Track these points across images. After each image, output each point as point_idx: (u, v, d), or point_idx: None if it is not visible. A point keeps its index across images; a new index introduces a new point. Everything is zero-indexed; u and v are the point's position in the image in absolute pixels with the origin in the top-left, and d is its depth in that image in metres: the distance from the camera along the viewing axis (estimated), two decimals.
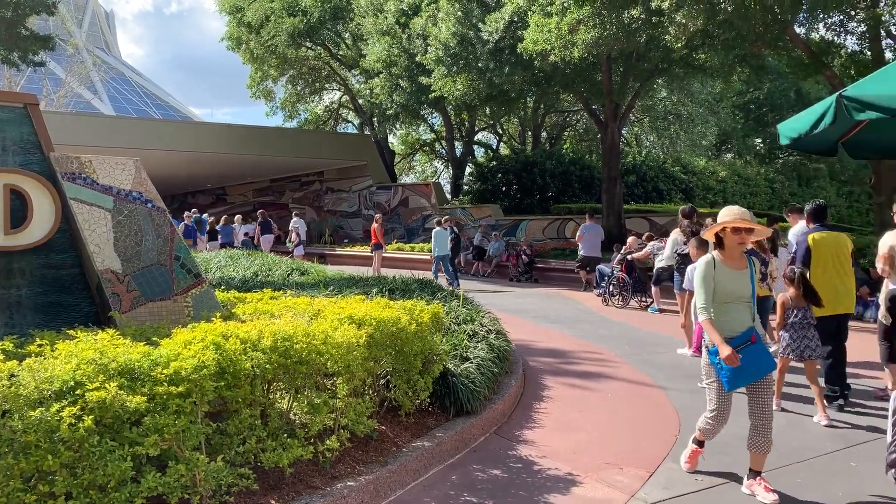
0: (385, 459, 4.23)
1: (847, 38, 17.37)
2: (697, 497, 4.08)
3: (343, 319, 4.42)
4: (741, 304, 4.19)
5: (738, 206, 4.21)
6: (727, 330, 4.12)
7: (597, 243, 15.18)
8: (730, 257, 4.22)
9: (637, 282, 12.89)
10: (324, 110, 38.33)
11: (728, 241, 4.21)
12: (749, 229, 4.16)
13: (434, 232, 16.40)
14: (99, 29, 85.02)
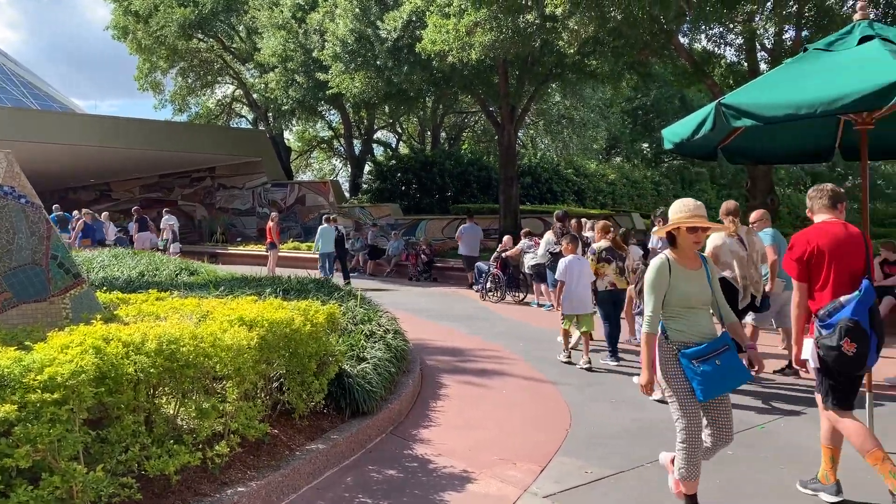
0: (277, 463, 4.14)
1: (726, 50, 18.50)
2: (587, 489, 4.21)
3: (233, 321, 4.29)
4: (704, 307, 3.79)
5: (692, 200, 3.81)
6: (697, 335, 3.70)
7: (475, 243, 15.88)
8: (685, 257, 3.79)
9: (511, 278, 13.73)
10: (216, 104, 37.15)
11: (683, 241, 3.77)
12: (705, 228, 3.75)
13: (320, 229, 16.36)
14: None
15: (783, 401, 6.19)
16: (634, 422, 5.57)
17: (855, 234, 4.06)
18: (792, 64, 5.42)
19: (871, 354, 3.87)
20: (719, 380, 3.57)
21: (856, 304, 3.86)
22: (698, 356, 3.60)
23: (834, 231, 4.04)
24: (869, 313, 3.88)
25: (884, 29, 4.97)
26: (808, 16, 14.87)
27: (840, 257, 3.99)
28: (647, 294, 3.76)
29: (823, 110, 4.25)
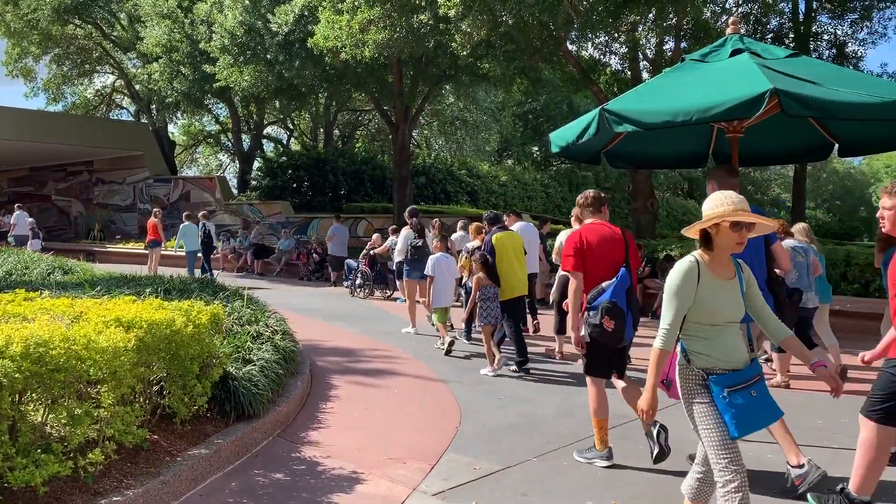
0: (157, 470, 3.95)
1: (611, 58, 19.24)
2: (475, 485, 4.27)
3: (109, 322, 4.06)
4: (734, 325, 3.13)
5: (733, 192, 3.17)
6: (724, 361, 3.05)
7: (344, 243, 16.56)
8: (719, 263, 3.12)
9: (378, 275, 14.24)
10: (95, 94, 35.23)
11: (723, 241, 3.08)
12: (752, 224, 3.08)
13: (182, 226, 15.91)
14: None
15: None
16: (521, 416, 5.70)
17: (616, 232, 4.82)
18: (670, 73, 5.71)
19: (627, 329, 4.56)
20: (755, 414, 2.99)
21: (613, 288, 4.54)
22: (732, 385, 2.99)
23: (600, 230, 4.79)
24: (626, 295, 4.57)
25: (753, 43, 5.33)
26: (687, 28, 15.73)
27: (604, 251, 4.70)
28: (666, 302, 3.10)
29: (698, 118, 4.49)
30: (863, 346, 9.14)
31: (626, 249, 4.75)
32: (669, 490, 4.19)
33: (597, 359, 4.66)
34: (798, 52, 5.63)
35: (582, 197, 5.02)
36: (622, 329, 4.47)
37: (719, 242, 3.08)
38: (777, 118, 5.36)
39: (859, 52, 21.03)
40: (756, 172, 47.55)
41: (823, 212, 55.38)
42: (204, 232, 16.33)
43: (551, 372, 7.42)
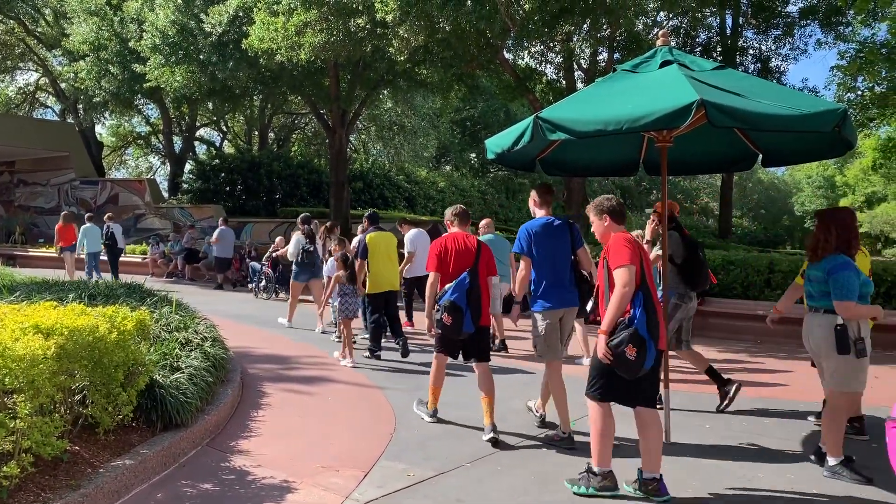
0: (78, 483, 3.79)
1: (547, 67, 19.55)
2: (409, 492, 4.25)
3: (27, 329, 3.89)
4: None
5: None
6: None
7: (230, 245, 16.99)
8: None
9: (281, 277, 14.60)
10: (17, 92, 33.80)
11: None
12: None
13: (83, 228, 15.62)
14: None
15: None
16: (456, 421, 5.71)
17: (471, 241, 5.65)
18: (603, 83, 5.82)
19: (465, 323, 5.32)
20: None
21: (453, 288, 5.37)
22: None
23: (459, 238, 5.64)
24: (466, 295, 5.35)
25: (681, 55, 5.48)
26: (619, 40, 16.11)
27: (458, 257, 5.52)
28: None
29: (628, 127, 4.58)
30: (786, 350, 9.50)
31: (477, 258, 5.53)
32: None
33: (442, 342, 5.57)
34: (724, 65, 5.80)
35: (451, 209, 5.93)
36: (460, 322, 5.30)
37: None
38: (704, 128, 5.52)
39: (782, 66, 22.07)
40: (685, 181, 49.05)
41: (749, 220, 57.50)
42: (107, 234, 16.07)
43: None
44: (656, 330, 4.07)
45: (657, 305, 4.18)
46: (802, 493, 4.30)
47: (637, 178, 39.57)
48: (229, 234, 16.93)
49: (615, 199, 4.53)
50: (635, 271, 4.08)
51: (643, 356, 3.98)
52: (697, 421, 5.90)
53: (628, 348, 3.97)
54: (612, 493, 4.18)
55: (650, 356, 4.01)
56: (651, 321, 4.05)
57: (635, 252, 4.14)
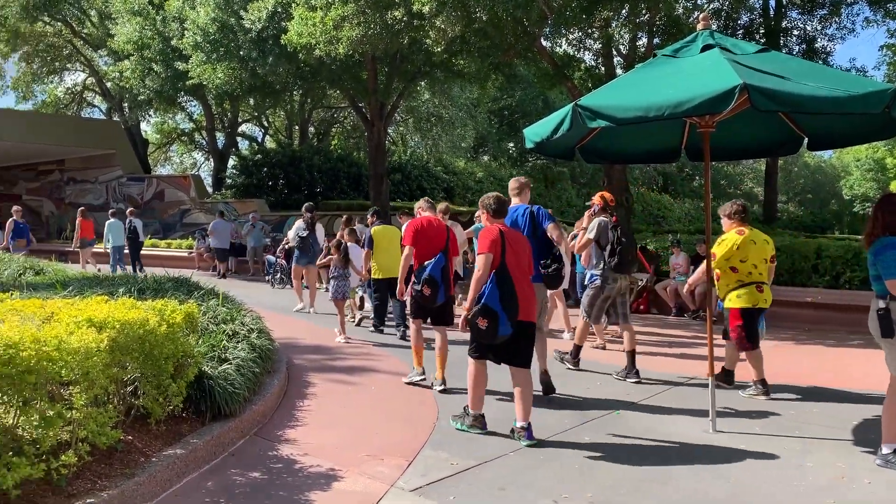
0: (132, 471, 3.91)
1: (586, 54, 19.29)
2: (453, 480, 4.28)
3: (81, 322, 4.01)
4: None
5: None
6: None
7: (226, 237, 17.83)
8: None
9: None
10: (66, 92, 34.69)
11: None
12: None
13: (108, 223, 16.47)
14: None
15: (637, 389, 6.58)
16: (498, 412, 5.72)
17: (441, 224, 6.68)
18: (643, 69, 5.75)
19: (440, 295, 6.18)
20: None
21: (432, 265, 6.19)
22: None
23: (430, 221, 6.63)
24: (441, 272, 6.21)
25: (723, 39, 5.38)
26: (659, 24, 15.82)
27: (430, 237, 6.45)
28: None
29: (670, 113, 4.53)
30: (835, 337, 9.31)
31: (447, 240, 6.51)
32: (646, 482, 4.24)
33: (417, 309, 6.49)
34: (768, 48, 5.69)
35: (425, 201, 7.20)
36: (436, 295, 6.17)
37: None
38: (748, 113, 5.43)
39: (828, 47, 21.34)
40: (729, 167, 48.12)
41: (795, 205, 56.20)
42: (130, 229, 16.76)
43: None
44: (511, 305, 4.83)
45: (518, 287, 4.90)
46: (854, 481, 4.22)
47: (679, 164, 39.00)
48: (224, 226, 17.88)
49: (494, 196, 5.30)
50: (493, 258, 4.89)
51: (495, 326, 4.80)
52: (742, 409, 5.82)
53: (479, 320, 4.84)
54: (480, 430, 5.14)
55: (503, 326, 4.80)
56: (504, 297, 4.83)
57: (496, 242, 4.93)
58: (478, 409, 5.16)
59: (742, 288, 6.15)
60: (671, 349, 8.52)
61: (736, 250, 6.12)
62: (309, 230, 11.38)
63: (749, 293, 6.11)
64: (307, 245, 11.30)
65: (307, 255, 11.31)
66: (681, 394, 6.38)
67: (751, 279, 6.13)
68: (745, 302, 6.12)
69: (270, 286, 15.47)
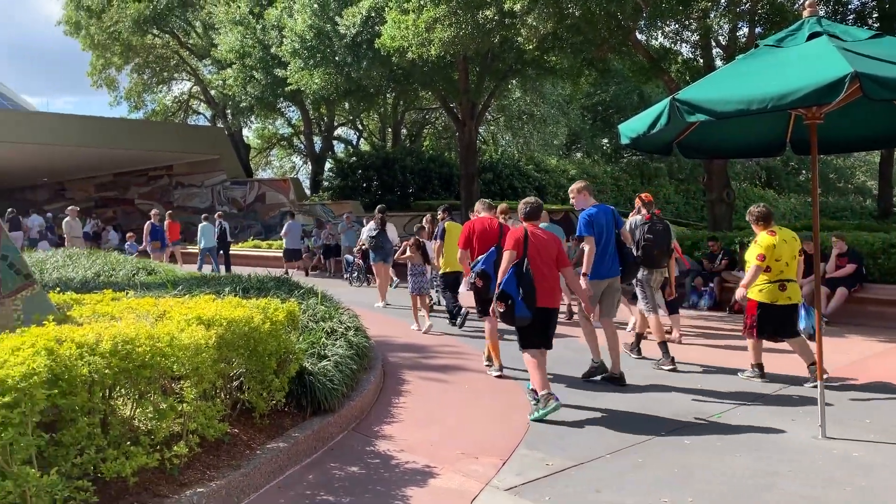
0: (238, 463, 4.09)
1: (682, 46, 18.73)
2: (548, 480, 4.26)
3: (191, 320, 4.23)
4: None
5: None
6: None
7: (298, 237, 18.67)
8: None
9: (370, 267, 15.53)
10: (173, 101, 36.53)
11: None
12: None
13: (201, 226, 17.64)
14: None
15: (738, 393, 6.33)
16: (593, 412, 5.65)
17: (494, 223, 7.19)
18: (744, 60, 5.53)
19: (492, 286, 6.31)
20: None
21: (484, 260, 6.66)
22: None
23: (485, 222, 7.22)
24: (493, 266, 6.45)
25: (831, 25, 5.10)
26: (761, 13, 15.16)
27: (483, 236, 7.03)
28: None
29: (774, 105, 4.34)
30: None
31: (500, 237, 6.81)
32: (750, 487, 4.09)
33: (481, 304, 7.06)
34: (882, 33, 5.35)
35: (479, 202, 7.77)
36: (488, 286, 6.51)
37: None
38: (859, 103, 5.13)
39: None
40: (838, 160, 45.47)
41: None
42: (220, 230, 17.76)
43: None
44: (528, 292, 5.47)
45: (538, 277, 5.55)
46: None
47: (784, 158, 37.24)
48: (296, 227, 18.60)
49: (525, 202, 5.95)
50: (514, 255, 5.61)
51: (512, 308, 5.49)
52: (853, 415, 5.51)
53: (498, 303, 5.61)
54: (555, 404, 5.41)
55: (520, 308, 5.47)
56: (521, 284, 5.50)
57: (519, 241, 5.65)
58: (545, 390, 5.50)
59: (766, 285, 6.41)
60: (772, 351, 8.16)
61: (773, 250, 6.36)
62: (379, 230, 12.22)
63: (770, 290, 6.39)
64: (378, 244, 12.16)
65: (379, 253, 12.21)
66: (787, 396, 6.11)
67: (778, 277, 6.40)
68: (764, 297, 6.42)
69: (349, 284, 16.05)
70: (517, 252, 5.63)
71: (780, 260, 6.35)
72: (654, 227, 7.53)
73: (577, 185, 6.84)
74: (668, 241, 7.61)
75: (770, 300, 6.38)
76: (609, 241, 6.56)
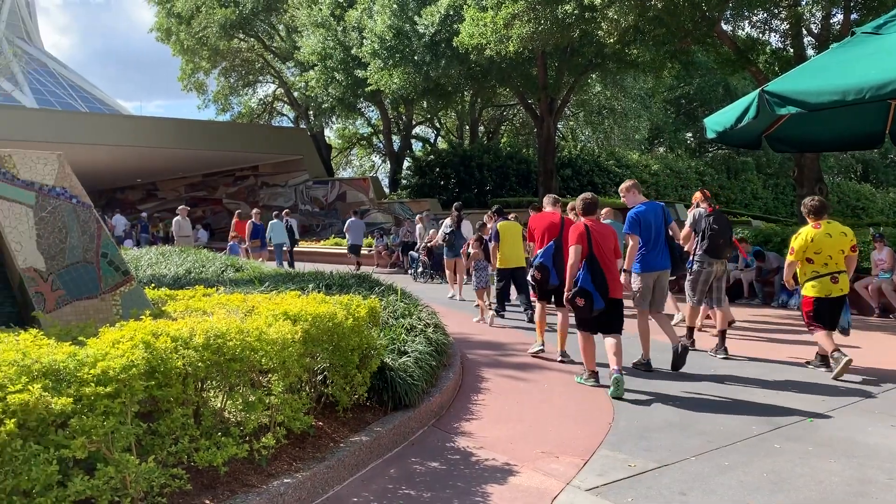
0: (322, 455, 4.19)
1: (771, 36, 18.05)
2: (630, 482, 4.19)
3: (278, 315, 4.36)
4: None
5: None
6: None
7: (360, 234, 19.50)
8: None
9: (436, 263, 16.18)
10: (258, 103, 37.71)
11: None
12: None
13: (271, 223, 18.08)
14: (19, 18, 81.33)
15: (831, 394, 6.07)
16: (677, 414, 5.52)
17: (556, 218, 7.55)
18: (839, 49, 5.29)
19: (551, 277, 7.17)
20: None
21: (542, 252, 7.26)
22: None
23: (549, 217, 7.62)
24: (551, 259, 7.17)
25: None
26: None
27: (548, 230, 7.45)
28: None
29: (872, 95, 4.15)
30: None
31: (561, 230, 7.34)
32: (839, 495, 3.91)
33: (539, 292, 7.60)
34: None
35: (547, 196, 8.11)
36: (547, 278, 7.17)
37: None
38: None
39: None
40: None
41: None
42: (287, 227, 18.32)
43: (701, 368, 7.11)
44: (602, 285, 5.99)
45: (605, 270, 6.04)
46: None
47: (882, 150, 35.37)
48: (358, 224, 19.49)
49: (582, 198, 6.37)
50: (581, 249, 6.06)
51: (590, 302, 5.95)
52: None
53: (577, 299, 6.00)
54: (594, 383, 6.29)
55: (597, 301, 5.96)
56: (595, 280, 5.98)
57: (583, 235, 6.08)
58: (591, 368, 6.35)
59: (816, 279, 6.60)
60: (871, 352, 7.77)
61: (811, 242, 6.54)
62: (455, 227, 12.74)
63: (822, 284, 6.57)
64: (451, 240, 12.71)
65: (453, 249, 12.72)
66: (887, 401, 5.81)
67: (826, 270, 6.56)
68: (817, 292, 6.60)
69: (413, 279, 16.51)
70: (583, 247, 6.07)
71: (822, 253, 6.50)
72: (718, 218, 7.72)
73: (626, 184, 7.22)
74: (730, 232, 7.83)
75: (824, 293, 6.57)
76: (659, 236, 6.87)
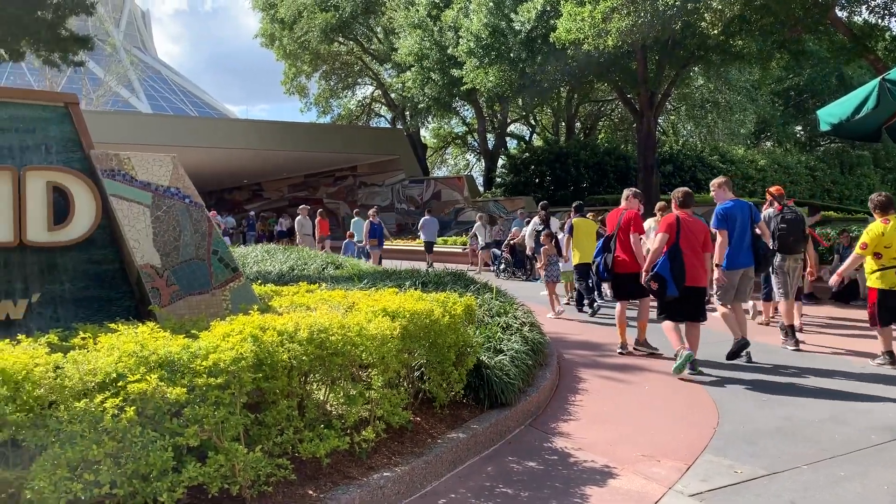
0: (420, 450, 4.24)
1: (891, 21, 16.92)
2: (736, 489, 4.02)
3: (377, 312, 4.45)
4: None
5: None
6: None
7: (434, 232, 19.63)
8: None
9: (518, 260, 16.68)
10: (357, 105, 38.56)
11: None
12: None
13: (353, 221, 18.95)
14: (136, 28, 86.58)
15: None
16: (786, 420, 5.26)
17: (617, 212, 7.83)
18: None
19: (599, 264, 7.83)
20: None
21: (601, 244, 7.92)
22: None
23: (619, 211, 7.81)
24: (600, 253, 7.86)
25: None
26: None
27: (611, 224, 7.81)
28: None
29: None
30: None
31: (618, 224, 7.70)
32: None
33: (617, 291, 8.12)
34: None
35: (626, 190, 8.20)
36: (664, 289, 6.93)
37: None
38: None
39: None
40: None
41: None
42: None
43: (796, 369, 6.74)
44: (679, 274, 6.41)
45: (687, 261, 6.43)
46: None
47: None
48: (431, 222, 19.67)
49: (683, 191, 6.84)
50: (667, 238, 6.47)
51: (664, 288, 6.41)
52: None
53: (651, 283, 6.50)
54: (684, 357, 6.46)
55: (671, 288, 6.39)
56: (673, 268, 6.40)
57: (672, 226, 6.52)
58: (679, 347, 6.56)
59: (881, 271, 6.69)
60: None
61: (881, 237, 6.65)
62: (545, 225, 13.03)
63: (888, 276, 6.66)
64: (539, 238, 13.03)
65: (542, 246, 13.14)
66: None
67: (892, 263, 6.64)
68: (882, 284, 6.70)
69: (496, 276, 16.58)
70: (670, 236, 6.47)
71: (891, 247, 6.62)
72: (786, 217, 8.00)
73: (717, 180, 7.32)
74: (801, 228, 8.02)
75: (889, 286, 6.66)
76: (745, 234, 6.95)
